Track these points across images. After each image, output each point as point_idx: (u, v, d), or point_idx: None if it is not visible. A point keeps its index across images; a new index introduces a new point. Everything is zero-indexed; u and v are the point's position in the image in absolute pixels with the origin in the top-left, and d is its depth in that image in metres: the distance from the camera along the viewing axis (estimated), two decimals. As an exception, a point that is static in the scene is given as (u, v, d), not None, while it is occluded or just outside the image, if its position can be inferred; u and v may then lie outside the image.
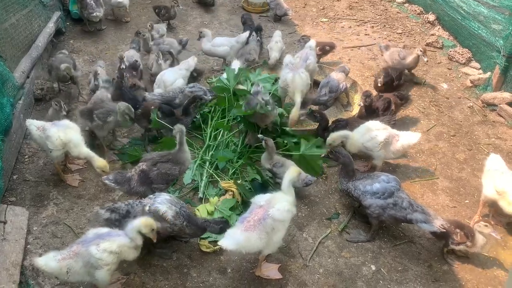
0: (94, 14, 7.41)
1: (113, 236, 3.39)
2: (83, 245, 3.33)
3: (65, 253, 3.33)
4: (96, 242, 3.32)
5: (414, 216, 4.04)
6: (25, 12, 6.09)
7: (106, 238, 3.35)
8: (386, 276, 4.01)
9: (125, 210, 3.77)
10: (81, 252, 3.30)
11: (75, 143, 4.47)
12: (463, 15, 7.62)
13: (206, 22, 8.63)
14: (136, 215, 3.69)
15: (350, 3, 9.84)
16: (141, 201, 3.83)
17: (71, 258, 3.29)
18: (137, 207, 3.78)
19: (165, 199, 3.79)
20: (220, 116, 5.59)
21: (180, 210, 3.76)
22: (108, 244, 3.32)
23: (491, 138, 5.88)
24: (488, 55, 6.96)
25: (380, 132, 4.77)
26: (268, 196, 3.74)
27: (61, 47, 7.26)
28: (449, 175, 5.23)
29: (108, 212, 3.74)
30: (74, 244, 3.39)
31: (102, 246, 3.29)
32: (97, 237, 3.37)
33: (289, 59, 5.99)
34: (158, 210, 3.69)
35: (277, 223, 3.60)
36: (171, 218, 3.69)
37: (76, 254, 3.31)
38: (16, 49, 5.69)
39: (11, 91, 4.98)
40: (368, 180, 4.25)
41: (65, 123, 4.56)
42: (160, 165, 4.20)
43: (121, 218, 3.73)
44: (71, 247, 3.37)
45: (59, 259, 3.29)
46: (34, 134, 4.49)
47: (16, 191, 4.60)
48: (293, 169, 3.94)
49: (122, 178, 4.17)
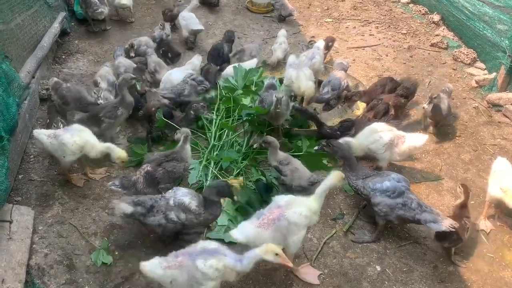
0: (99, 11, 7.40)
1: (220, 254, 3.31)
2: (190, 258, 3.27)
3: (170, 261, 3.29)
4: (204, 256, 3.26)
5: (423, 217, 4.02)
6: (30, 12, 6.10)
7: (214, 254, 3.28)
8: (391, 277, 4.00)
9: (150, 205, 3.78)
10: (187, 264, 3.25)
11: (92, 144, 4.46)
12: (468, 16, 7.59)
13: (211, 22, 8.64)
14: (159, 209, 3.76)
15: (354, 4, 9.83)
16: (164, 196, 3.86)
17: (176, 269, 3.25)
18: (161, 201, 3.81)
19: (186, 191, 3.85)
20: (225, 115, 5.59)
21: (199, 199, 3.82)
22: (215, 261, 3.23)
23: (496, 138, 5.86)
24: (493, 56, 6.94)
25: (384, 134, 4.76)
26: (289, 197, 3.73)
27: (66, 48, 7.30)
28: (454, 175, 5.21)
29: (132, 206, 3.75)
30: (180, 254, 3.33)
31: (209, 262, 3.22)
32: (204, 251, 3.31)
33: (292, 59, 6.00)
34: (183, 202, 3.75)
35: (292, 226, 3.57)
36: (196, 208, 3.75)
37: (181, 265, 3.25)
38: (21, 49, 5.70)
39: (16, 91, 4.99)
40: (377, 178, 4.23)
41: (76, 127, 4.54)
42: (165, 164, 4.23)
43: (146, 213, 3.77)
44: (176, 256, 3.33)
45: (164, 267, 3.27)
46: (45, 143, 4.45)
47: (22, 190, 4.61)
48: (336, 174, 3.78)
49: (128, 182, 4.17)
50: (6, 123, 4.40)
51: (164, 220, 3.76)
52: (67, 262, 3.92)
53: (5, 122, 4.34)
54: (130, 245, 4.13)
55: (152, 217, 3.77)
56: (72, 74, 6.66)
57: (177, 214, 3.75)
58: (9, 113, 4.50)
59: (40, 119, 5.59)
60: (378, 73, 7.16)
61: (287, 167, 4.53)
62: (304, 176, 4.51)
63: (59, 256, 3.96)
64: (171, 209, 3.76)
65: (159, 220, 3.76)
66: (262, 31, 8.48)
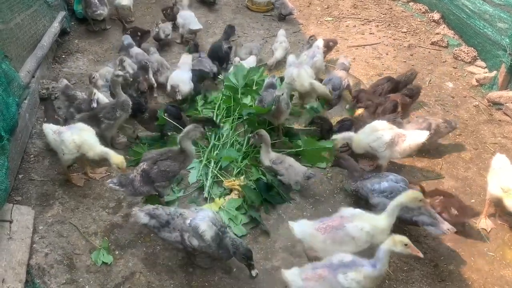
0: (98, 12, 7.42)
1: (357, 265, 3.30)
2: (330, 271, 3.27)
3: (309, 273, 3.30)
4: (343, 270, 3.26)
5: (421, 219, 4.02)
6: (30, 12, 6.10)
7: (352, 267, 3.28)
8: (392, 276, 4.00)
9: (165, 220, 3.66)
10: (328, 277, 3.25)
11: (90, 145, 4.44)
12: (468, 14, 7.58)
13: (211, 21, 8.63)
14: (175, 227, 3.63)
15: (354, 2, 9.81)
16: (182, 214, 3.70)
17: (316, 281, 3.26)
18: (178, 220, 3.66)
19: (207, 215, 3.64)
20: (225, 114, 5.58)
21: (219, 230, 3.62)
22: (355, 274, 3.24)
23: (497, 137, 5.85)
24: (493, 54, 6.93)
25: (385, 132, 4.75)
26: (357, 211, 3.71)
27: (66, 47, 7.29)
28: (455, 174, 5.21)
29: (147, 217, 3.68)
30: (319, 266, 3.34)
31: (350, 276, 3.23)
32: (343, 265, 3.31)
33: (292, 59, 5.99)
34: (197, 227, 3.57)
35: (348, 238, 3.56)
36: (209, 238, 3.56)
37: (322, 278, 3.26)
38: (21, 48, 5.69)
39: (16, 90, 4.99)
40: (376, 179, 4.25)
41: (79, 126, 4.55)
42: (160, 163, 4.18)
43: (160, 227, 3.66)
44: (315, 268, 3.33)
45: (304, 278, 3.29)
46: (49, 137, 4.50)
47: (22, 190, 4.61)
48: (409, 193, 3.64)
49: (126, 180, 4.16)
50: (6, 122, 4.39)
51: (180, 238, 3.63)
52: (68, 262, 3.92)
53: (5, 122, 4.34)
54: (131, 244, 4.13)
55: (168, 233, 3.66)
56: (72, 73, 6.66)
57: (189, 239, 3.60)
58: (9, 112, 4.49)
59: (40, 118, 5.58)
60: (378, 71, 7.15)
61: (281, 165, 4.57)
62: (300, 171, 4.60)
63: (60, 256, 3.97)
64: (186, 231, 3.61)
65: (175, 238, 3.65)
66: (262, 30, 8.46)
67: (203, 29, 7.66)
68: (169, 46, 7.58)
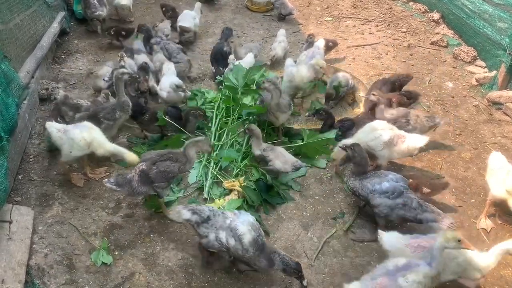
0: (97, 13, 7.44)
1: (413, 266, 3.33)
2: (389, 278, 3.29)
3: (370, 284, 3.30)
4: (402, 274, 3.28)
5: (424, 216, 4.03)
6: (29, 12, 6.10)
7: (409, 269, 3.30)
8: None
9: (207, 215, 3.64)
10: (389, 284, 3.26)
11: (100, 142, 4.49)
12: (468, 14, 7.59)
13: (210, 21, 8.63)
14: (214, 225, 3.61)
15: (354, 2, 9.81)
16: (224, 213, 3.69)
17: None
18: (219, 217, 3.64)
19: (248, 220, 3.60)
20: (225, 114, 5.57)
21: (257, 238, 3.56)
22: (415, 275, 3.26)
23: (497, 137, 5.85)
24: (493, 54, 6.94)
25: (384, 132, 4.74)
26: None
27: (65, 47, 7.29)
28: (454, 174, 5.20)
29: (189, 213, 3.66)
30: (377, 276, 3.34)
31: (410, 278, 3.25)
32: (400, 269, 3.32)
33: (290, 62, 5.99)
34: (237, 229, 3.53)
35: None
36: (247, 242, 3.50)
37: (383, 286, 3.27)
38: (20, 49, 5.69)
39: (16, 91, 4.99)
40: (376, 179, 4.21)
41: (86, 124, 4.56)
42: (159, 164, 4.14)
43: (200, 222, 3.65)
44: (373, 278, 3.32)
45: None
46: (54, 136, 4.48)
47: (22, 191, 4.61)
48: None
49: (123, 180, 4.12)
50: (6, 123, 4.39)
51: (214, 234, 3.60)
52: (67, 262, 3.92)
53: (4, 122, 4.34)
54: (130, 245, 4.13)
55: (206, 230, 3.64)
56: (72, 74, 6.66)
57: (227, 237, 3.55)
58: (8, 113, 4.49)
59: (40, 119, 5.58)
60: (378, 71, 7.15)
61: (271, 152, 4.60)
62: (289, 160, 4.62)
63: (59, 256, 3.96)
64: (224, 229, 3.58)
65: (209, 234, 3.62)
66: (262, 30, 8.47)
67: (202, 29, 7.65)
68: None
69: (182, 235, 4.26)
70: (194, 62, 7.01)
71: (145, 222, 4.37)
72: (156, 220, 4.39)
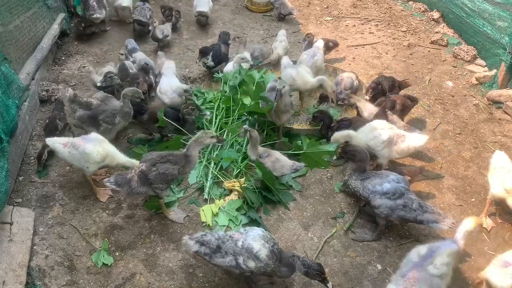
0: (95, 16, 7.46)
1: (436, 250, 3.43)
2: (418, 270, 3.35)
3: (403, 282, 3.32)
4: (429, 261, 3.36)
5: (425, 217, 4.02)
6: (29, 14, 6.11)
7: (433, 254, 3.40)
8: (392, 276, 3.99)
9: (216, 245, 3.51)
10: (421, 276, 3.32)
11: (113, 154, 4.44)
12: (467, 13, 7.58)
13: (210, 22, 8.63)
14: (227, 251, 3.48)
15: (354, 2, 9.80)
16: (232, 236, 3.56)
17: (413, 286, 3.30)
18: (228, 243, 3.51)
19: (258, 234, 3.52)
20: (225, 115, 5.58)
21: (273, 248, 3.49)
22: (441, 258, 3.36)
23: (497, 135, 5.85)
24: (493, 53, 6.93)
25: (384, 131, 4.75)
26: None
27: (65, 49, 7.30)
28: (455, 173, 5.20)
29: (197, 245, 3.54)
30: (406, 271, 3.38)
31: (438, 262, 3.34)
32: (424, 257, 3.41)
33: (286, 60, 5.97)
34: (251, 248, 3.43)
35: None
36: (265, 257, 3.42)
37: (416, 279, 3.31)
38: (21, 51, 5.70)
39: (16, 92, 5.00)
40: (377, 180, 4.19)
41: (95, 137, 4.48)
42: (159, 165, 4.12)
43: (211, 253, 3.52)
44: (404, 275, 3.36)
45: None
46: (62, 152, 4.37)
47: (22, 192, 4.62)
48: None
49: (123, 179, 4.11)
50: (6, 125, 4.41)
51: (235, 262, 3.47)
52: (68, 263, 3.93)
53: (5, 124, 4.36)
54: (131, 245, 4.14)
55: (221, 258, 3.49)
56: (72, 75, 6.67)
57: (245, 262, 3.44)
58: (9, 115, 4.51)
59: (40, 120, 5.60)
60: (378, 71, 7.15)
61: (268, 158, 4.58)
62: (286, 164, 4.64)
63: (60, 258, 3.97)
64: (240, 253, 3.45)
65: (230, 262, 3.48)
66: (262, 30, 8.47)
67: (202, 30, 7.64)
68: (168, 47, 7.59)
69: (183, 235, 4.22)
70: (194, 63, 7.01)
71: (146, 223, 4.38)
72: (157, 220, 4.40)
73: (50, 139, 4.44)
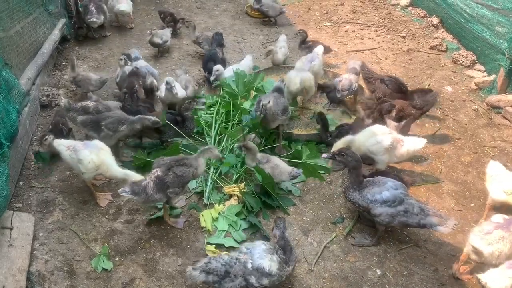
0: (92, 20, 7.54)
1: None
2: (504, 229, 3.70)
3: (491, 239, 3.67)
4: None
5: (428, 221, 4.00)
6: (30, 19, 6.15)
7: None
8: (391, 281, 3.99)
9: (224, 271, 3.47)
10: (507, 236, 3.66)
11: (108, 165, 4.38)
12: (466, 18, 7.61)
13: (210, 27, 8.67)
14: (236, 274, 3.45)
15: (353, 7, 9.85)
16: (238, 258, 3.53)
17: (498, 243, 3.64)
18: (236, 266, 3.48)
19: (262, 250, 3.54)
20: (224, 119, 5.59)
21: (278, 255, 3.55)
22: None
23: (496, 141, 5.86)
24: (492, 58, 6.95)
25: (385, 137, 4.75)
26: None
27: (66, 54, 7.33)
28: (454, 178, 5.21)
29: (203, 274, 3.49)
30: (494, 229, 3.72)
31: None
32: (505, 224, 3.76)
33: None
34: (262, 268, 3.46)
35: None
36: (277, 270, 3.48)
37: (502, 238, 3.66)
38: (21, 56, 5.73)
39: (17, 97, 5.02)
40: (375, 188, 4.13)
41: (96, 144, 4.48)
42: (175, 169, 4.12)
43: (220, 280, 3.48)
44: (495, 231, 3.69)
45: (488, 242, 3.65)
46: (64, 154, 4.42)
47: (22, 197, 4.63)
48: None
49: (139, 188, 4.06)
50: (7, 130, 4.42)
51: (245, 282, 3.47)
52: (68, 268, 3.93)
53: (5, 129, 4.37)
54: (131, 250, 4.14)
55: (231, 283, 3.47)
56: (73, 80, 6.68)
57: (258, 280, 3.45)
58: (9, 120, 4.52)
59: (41, 125, 5.61)
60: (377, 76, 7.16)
61: (267, 164, 4.57)
62: (285, 171, 4.61)
63: (60, 262, 3.98)
64: (251, 273, 3.46)
65: (240, 284, 3.47)
66: (262, 36, 8.51)
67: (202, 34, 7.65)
68: (169, 53, 7.62)
69: (182, 240, 4.27)
70: (195, 68, 7.05)
71: (145, 227, 4.38)
72: (156, 225, 4.40)
73: (57, 140, 4.52)
